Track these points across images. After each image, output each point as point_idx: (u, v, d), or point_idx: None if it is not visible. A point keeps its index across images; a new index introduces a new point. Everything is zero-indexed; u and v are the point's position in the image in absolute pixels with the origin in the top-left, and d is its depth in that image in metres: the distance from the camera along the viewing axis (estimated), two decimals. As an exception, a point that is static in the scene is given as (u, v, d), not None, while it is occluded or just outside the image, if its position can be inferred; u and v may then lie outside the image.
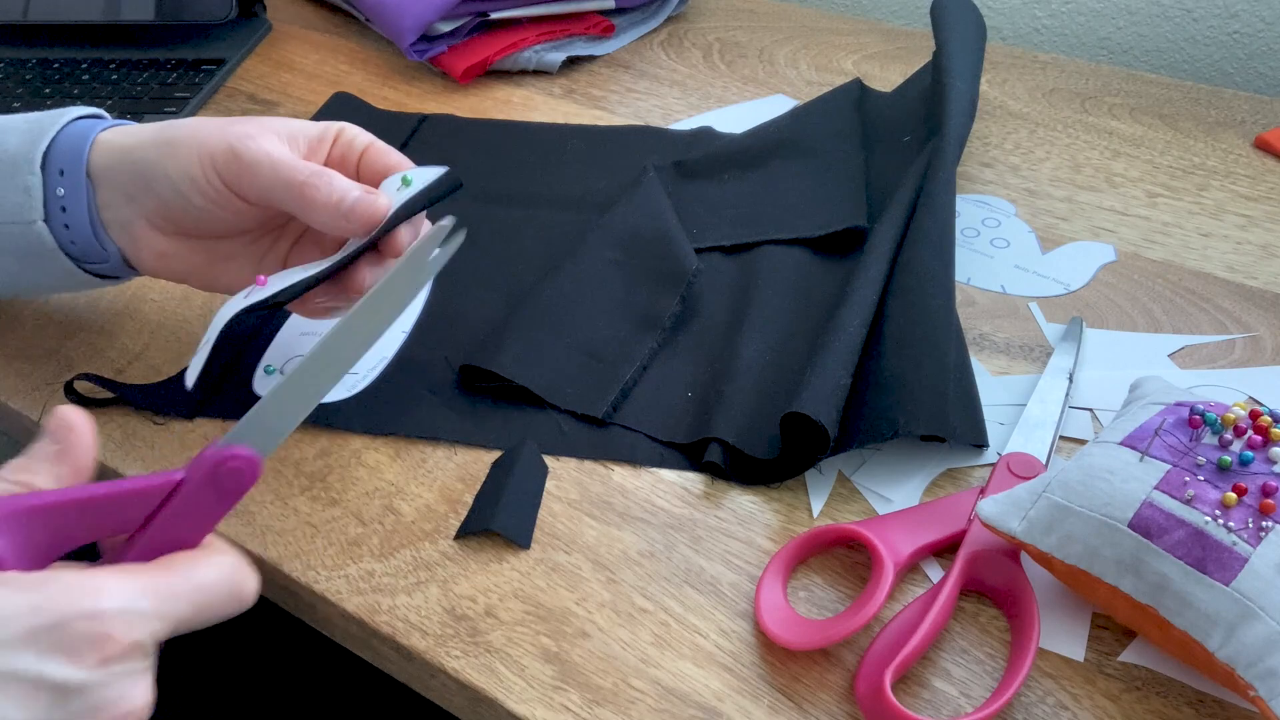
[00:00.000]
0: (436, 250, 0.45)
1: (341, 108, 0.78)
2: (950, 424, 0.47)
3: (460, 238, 0.46)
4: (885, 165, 0.66)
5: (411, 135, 0.74)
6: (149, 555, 0.37)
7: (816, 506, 0.47)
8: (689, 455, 0.50)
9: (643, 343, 0.55)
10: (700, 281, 0.58)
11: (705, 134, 0.73)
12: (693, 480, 0.49)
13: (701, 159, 0.68)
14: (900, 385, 0.48)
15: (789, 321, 0.55)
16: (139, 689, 0.35)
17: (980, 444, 0.49)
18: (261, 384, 0.54)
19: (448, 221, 0.45)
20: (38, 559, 0.35)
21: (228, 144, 0.47)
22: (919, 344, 0.50)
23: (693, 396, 0.52)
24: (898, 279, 0.54)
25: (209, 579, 0.37)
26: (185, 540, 0.37)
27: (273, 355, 0.56)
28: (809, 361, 0.50)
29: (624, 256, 0.59)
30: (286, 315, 0.58)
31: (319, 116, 0.77)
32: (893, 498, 0.47)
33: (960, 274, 0.60)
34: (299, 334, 0.57)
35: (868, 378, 0.50)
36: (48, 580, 0.34)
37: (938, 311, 0.51)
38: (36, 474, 0.38)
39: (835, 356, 0.49)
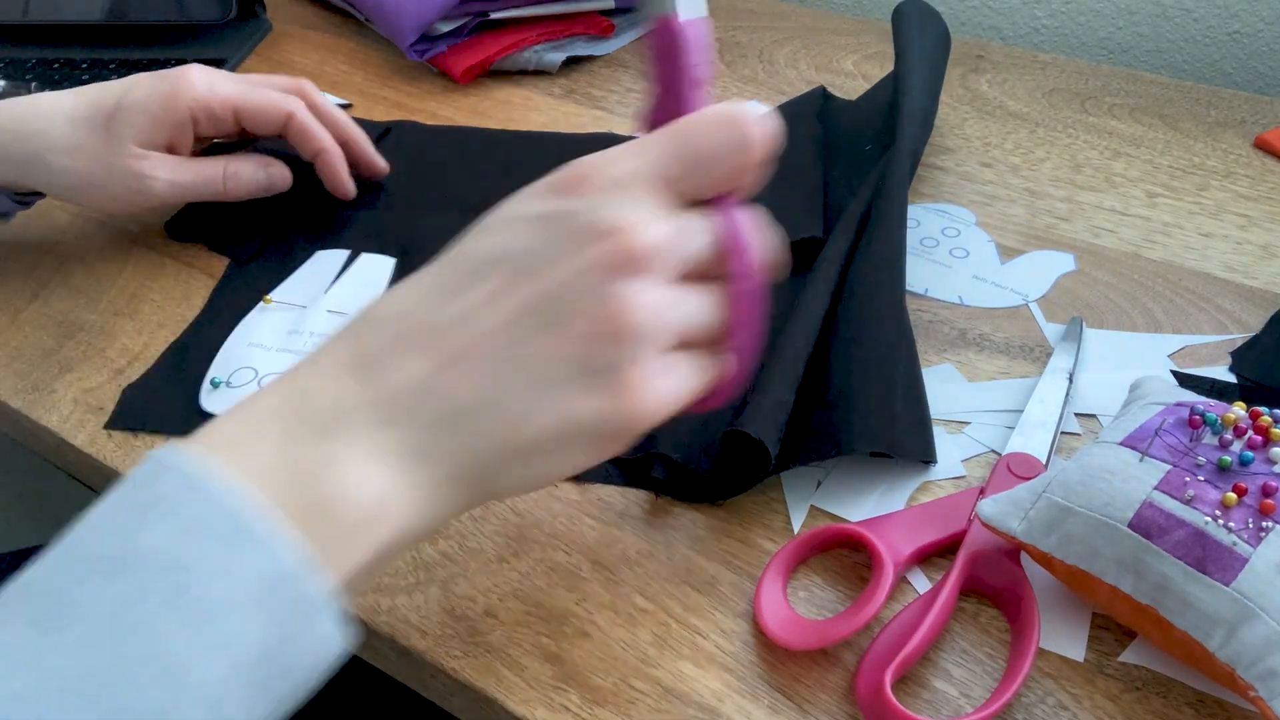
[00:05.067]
0: None
1: None
2: (898, 440, 0.46)
3: None
4: (846, 175, 0.65)
5: (375, 145, 0.70)
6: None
7: (796, 522, 0.47)
8: (630, 471, 0.48)
9: None
10: None
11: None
12: (693, 480, 0.49)
13: None
14: (847, 401, 0.47)
15: None
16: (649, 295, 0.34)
17: (928, 460, 0.48)
18: (209, 398, 0.52)
19: None
20: None
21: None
22: (866, 359, 0.49)
23: None
24: (846, 294, 0.53)
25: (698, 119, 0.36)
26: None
27: (219, 368, 0.54)
28: (753, 377, 0.48)
29: None
30: (232, 327, 0.57)
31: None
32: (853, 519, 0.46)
33: (918, 285, 0.59)
34: (246, 345, 0.56)
35: (814, 394, 0.48)
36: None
37: (886, 326, 0.50)
38: None
39: (779, 373, 0.48)
